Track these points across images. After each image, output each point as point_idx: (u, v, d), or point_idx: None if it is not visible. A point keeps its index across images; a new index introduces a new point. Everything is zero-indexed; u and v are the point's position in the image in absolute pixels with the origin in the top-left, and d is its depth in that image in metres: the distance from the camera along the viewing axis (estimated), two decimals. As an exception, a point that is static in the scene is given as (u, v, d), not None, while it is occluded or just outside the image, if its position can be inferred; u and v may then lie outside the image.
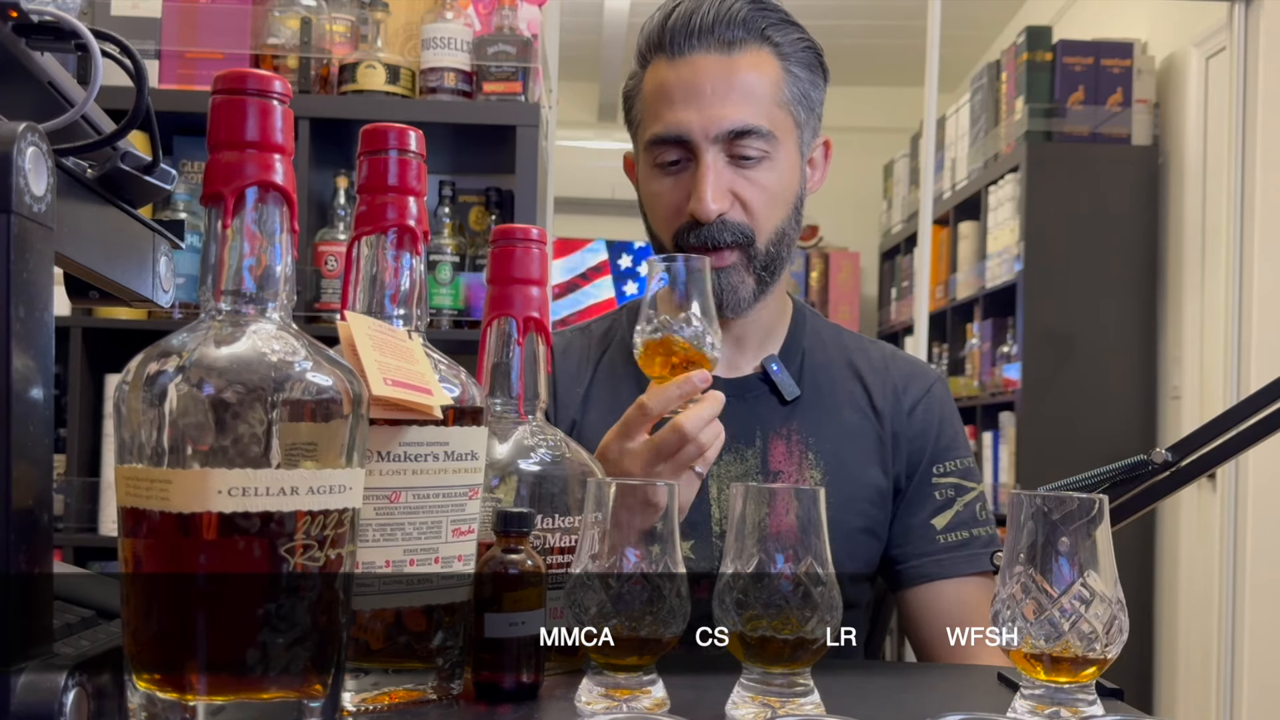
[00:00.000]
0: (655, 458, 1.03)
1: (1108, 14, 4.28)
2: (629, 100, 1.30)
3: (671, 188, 1.24)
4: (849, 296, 5.80)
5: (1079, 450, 3.50)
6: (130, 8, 2.34)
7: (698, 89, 1.20)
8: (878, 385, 1.32)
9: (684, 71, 1.21)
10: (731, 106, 1.20)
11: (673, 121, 1.21)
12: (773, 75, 1.23)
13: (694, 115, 1.20)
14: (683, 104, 1.21)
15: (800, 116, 1.26)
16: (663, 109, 1.23)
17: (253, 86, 0.67)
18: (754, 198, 1.22)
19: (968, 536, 1.28)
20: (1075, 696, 0.77)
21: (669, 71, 1.23)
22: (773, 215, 1.24)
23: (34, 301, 0.63)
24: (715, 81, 1.20)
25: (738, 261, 1.23)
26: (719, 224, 1.21)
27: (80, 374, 2.33)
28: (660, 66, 1.24)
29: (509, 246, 0.95)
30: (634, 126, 1.30)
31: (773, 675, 0.77)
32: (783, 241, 1.26)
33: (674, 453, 1.02)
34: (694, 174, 1.21)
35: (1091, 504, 0.77)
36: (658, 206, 1.26)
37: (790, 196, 1.26)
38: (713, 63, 1.21)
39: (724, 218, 1.21)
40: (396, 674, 0.78)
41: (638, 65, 1.28)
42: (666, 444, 1.02)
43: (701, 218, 1.20)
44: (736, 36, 1.21)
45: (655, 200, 1.26)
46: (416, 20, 2.37)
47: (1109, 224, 3.74)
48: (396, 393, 0.75)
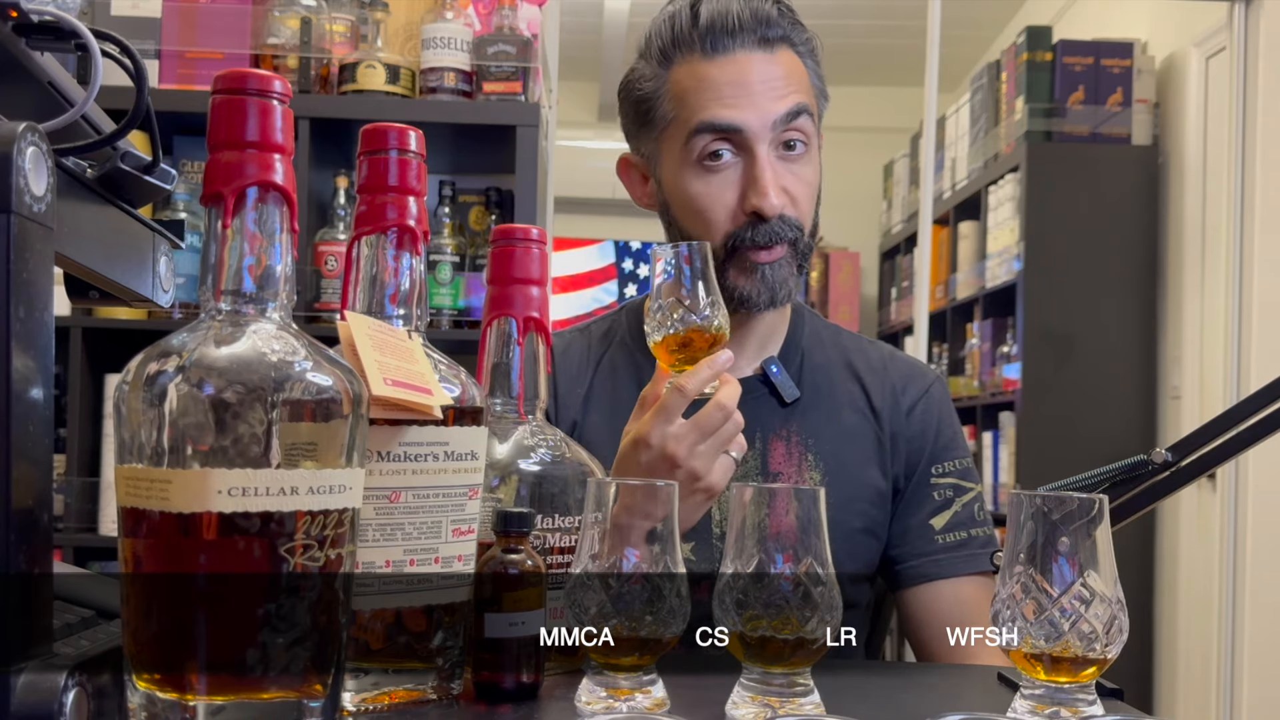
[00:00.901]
0: (700, 436, 1.03)
1: (1108, 14, 4.28)
2: (645, 104, 1.26)
3: (722, 187, 1.22)
4: (849, 296, 5.80)
5: (1079, 450, 3.49)
6: (130, 8, 2.34)
7: (747, 83, 1.21)
8: (876, 386, 1.32)
9: (729, 68, 1.21)
10: (781, 96, 1.21)
11: (724, 113, 1.20)
12: (802, 73, 1.25)
13: (748, 106, 1.20)
14: (733, 97, 1.20)
15: (820, 110, 1.29)
16: (708, 101, 1.21)
17: (253, 86, 0.67)
18: (800, 192, 1.23)
19: (966, 537, 1.28)
20: (1075, 696, 0.77)
21: (710, 68, 1.21)
22: (811, 208, 1.26)
23: (34, 301, 0.63)
24: (762, 75, 1.21)
25: (787, 255, 1.23)
26: (780, 220, 1.21)
27: (80, 374, 2.33)
28: (695, 64, 1.22)
29: (509, 246, 0.95)
30: (654, 127, 1.26)
31: (773, 675, 0.77)
32: (815, 233, 1.28)
33: (716, 428, 1.03)
34: (748, 170, 1.21)
35: (1091, 504, 0.77)
36: (708, 206, 1.22)
37: (818, 188, 1.28)
38: (757, 59, 1.21)
39: (783, 213, 1.21)
40: (396, 674, 0.78)
41: (655, 67, 1.25)
42: (710, 420, 1.02)
43: (768, 212, 1.20)
44: (772, 35, 1.22)
45: (702, 200, 1.23)
46: (416, 20, 2.37)
47: (1109, 224, 3.74)
48: (396, 393, 0.75)
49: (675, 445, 1.02)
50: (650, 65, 1.25)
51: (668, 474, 1.02)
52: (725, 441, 1.04)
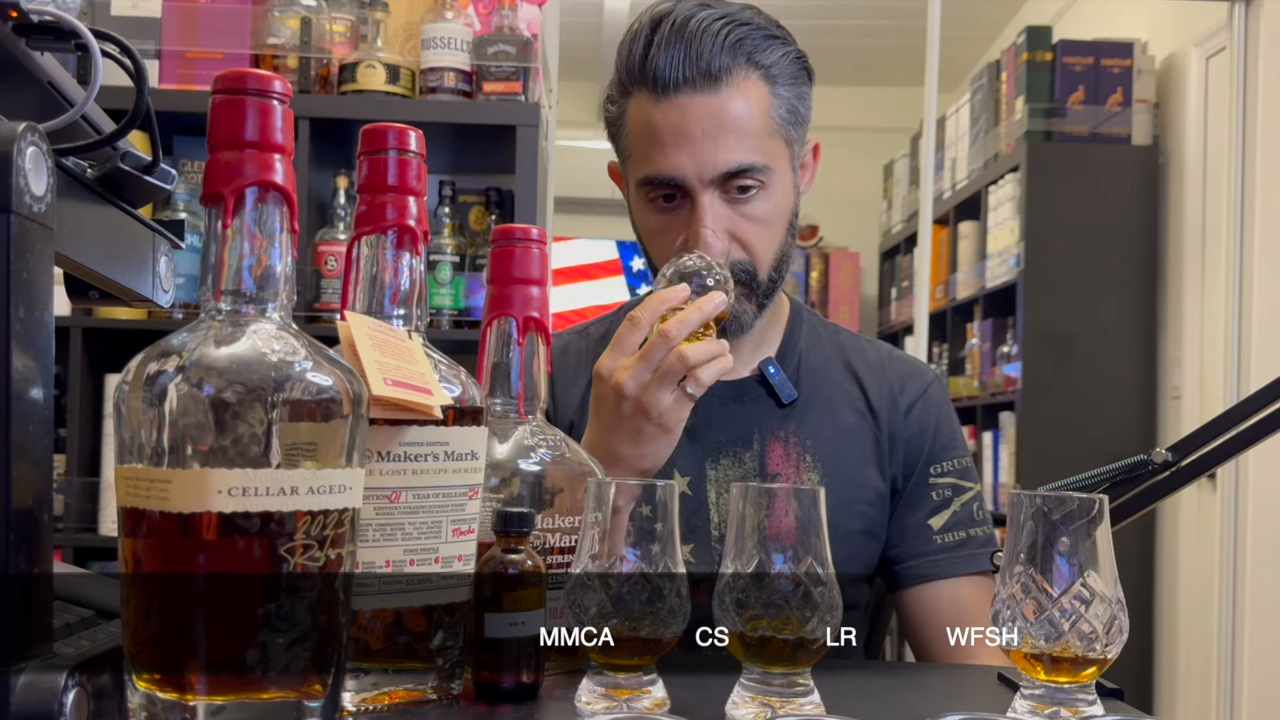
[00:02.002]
0: (645, 366, 1.04)
1: (1108, 14, 4.28)
2: (613, 128, 1.26)
3: (669, 225, 1.21)
4: (849, 296, 5.79)
5: (1079, 450, 3.50)
6: (130, 8, 2.34)
7: (687, 133, 1.17)
8: (874, 386, 1.32)
9: (671, 115, 1.17)
10: (724, 149, 1.17)
11: (665, 166, 1.18)
12: (761, 104, 1.19)
13: (686, 159, 1.17)
14: (674, 148, 1.17)
15: (791, 135, 1.23)
16: (652, 151, 1.19)
17: (253, 86, 0.67)
18: (752, 234, 1.20)
19: (965, 536, 1.27)
20: (1075, 696, 0.77)
21: (655, 112, 1.18)
22: (771, 244, 1.23)
23: (34, 301, 0.63)
24: (705, 123, 1.16)
25: (741, 294, 1.22)
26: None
27: (80, 374, 2.33)
28: (644, 103, 1.19)
29: (509, 246, 0.95)
30: (621, 155, 1.27)
31: (773, 675, 0.77)
32: (782, 263, 1.25)
33: (659, 359, 1.04)
34: (690, 214, 1.19)
35: (1091, 504, 0.77)
36: (657, 243, 1.24)
37: (785, 217, 1.24)
38: (700, 104, 1.16)
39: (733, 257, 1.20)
40: (396, 674, 0.78)
41: (617, 92, 1.23)
42: (653, 350, 1.03)
43: None
44: (722, 65, 1.16)
45: (653, 237, 1.24)
46: (416, 20, 2.37)
47: (1109, 224, 3.74)
48: (396, 393, 0.75)
49: (621, 374, 1.04)
50: (616, 86, 1.24)
51: (618, 406, 1.04)
52: (672, 375, 1.04)
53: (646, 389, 1.04)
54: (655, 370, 1.04)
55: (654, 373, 1.04)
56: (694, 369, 1.04)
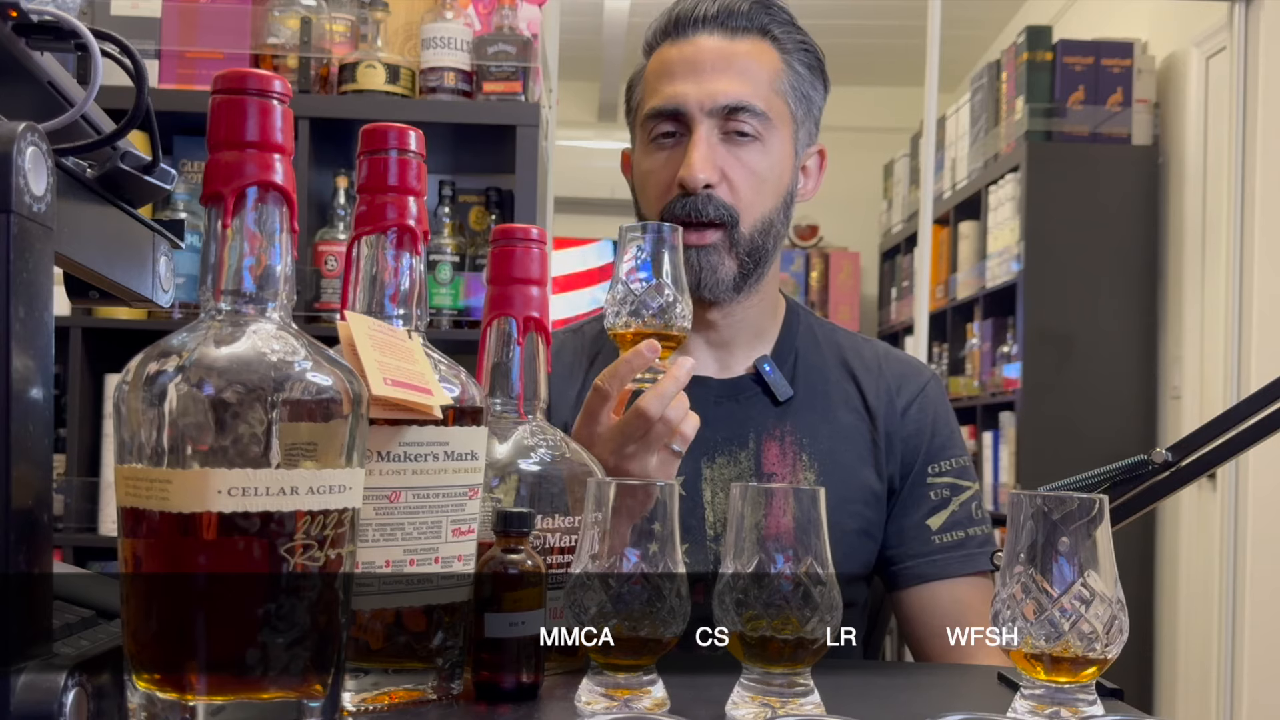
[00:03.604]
0: (624, 440, 1.02)
1: (1108, 14, 4.28)
2: (630, 88, 1.33)
3: (664, 163, 1.25)
4: (849, 296, 5.79)
5: (1079, 450, 3.50)
6: (130, 8, 2.34)
7: (697, 64, 1.24)
8: (871, 385, 1.32)
9: (686, 50, 1.25)
10: (728, 82, 1.23)
11: (670, 94, 1.24)
12: (772, 64, 1.26)
13: (691, 87, 1.23)
14: (681, 78, 1.24)
15: (797, 111, 1.27)
16: (662, 84, 1.26)
17: (253, 86, 0.67)
18: (742, 178, 1.23)
19: (963, 536, 1.27)
20: (1075, 696, 0.77)
21: (672, 50, 1.26)
22: (759, 200, 1.24)
23: (34, 301, 0.63)
24: (715, 58, 1.24)
25: (719, 242, 1.22)
26: (704, 197, 1.21)
27: (80, 374, 2.33)
28: (664, 49, 1.28)
29: (509, 246, 0.95)
30: (633, 112, 1.32)
31: (773, 675, 0.77)
32: (769, 232, 1.25)
33: (642, 435, 1.02)
34: (686, 147, 1.23)
35: (1091, 504, 0.77)
36: (649, 183, 1.26)
37: (780, 188, 1.26)
38: (714, 43, 1.25)
39: (710, 192, 1.21)
40: (396, 674, 0.78)
41: (643, 57, 1.31)
42: (631, 427, 1.02)
43: (689, 186, 1.20)
44: (740, 25, 1.25)
45: (647, 178, 1.27)
46: (416, 20, 2.37)
47: (1109, 224, 3.74)
48: (396, 393, 0.75)
49: (601, 449, 1.03)
50: (644, 50, 1.31)
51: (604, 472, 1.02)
52: (656, 443, 1.02)
53: (631, 459, 1.03)
54: (638, 442, 1.02)
55: (637, 443, 1.02)
56: (677, 429, 1.03)
